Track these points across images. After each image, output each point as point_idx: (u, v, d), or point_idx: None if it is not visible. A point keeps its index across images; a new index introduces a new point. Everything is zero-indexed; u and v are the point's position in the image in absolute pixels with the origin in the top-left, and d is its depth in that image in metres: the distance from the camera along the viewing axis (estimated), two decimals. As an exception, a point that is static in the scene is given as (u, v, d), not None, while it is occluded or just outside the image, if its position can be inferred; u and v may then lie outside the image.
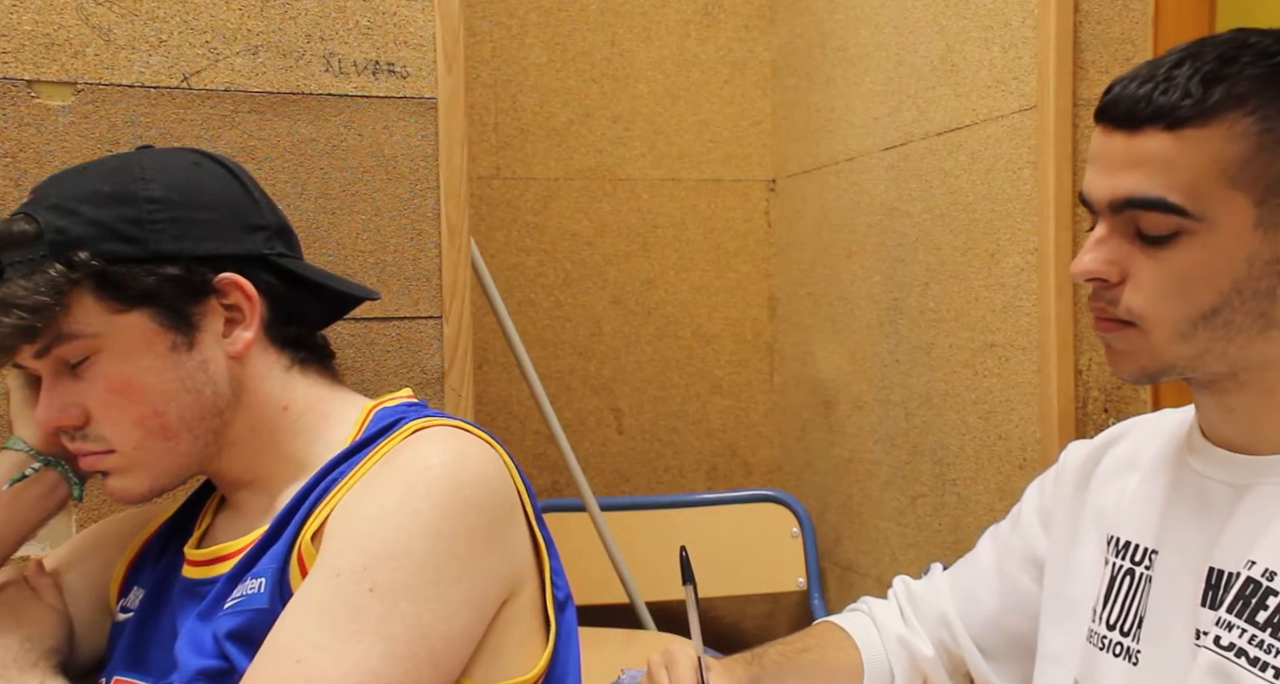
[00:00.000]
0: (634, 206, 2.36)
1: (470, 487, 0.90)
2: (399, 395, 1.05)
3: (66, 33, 1.21)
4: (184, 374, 0.94)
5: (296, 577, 0.90)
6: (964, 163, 1.77)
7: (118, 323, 0.93)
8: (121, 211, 0.93)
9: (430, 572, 0.86)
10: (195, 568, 1.00)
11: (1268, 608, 0.81)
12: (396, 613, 0.85)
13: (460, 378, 1.35)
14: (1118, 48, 1.58)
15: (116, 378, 0.93)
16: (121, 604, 1.06)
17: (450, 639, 0.88)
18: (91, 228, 0.91)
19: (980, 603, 1.15)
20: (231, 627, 0.90)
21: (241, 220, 0.98)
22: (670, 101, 2.37)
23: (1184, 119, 0.83)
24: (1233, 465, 0.89)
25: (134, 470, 0.96)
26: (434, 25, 1.33)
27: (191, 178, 0.98)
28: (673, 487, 2.37)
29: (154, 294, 0.93)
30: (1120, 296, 0.87)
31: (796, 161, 2.33)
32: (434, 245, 1.33)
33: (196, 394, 0.95)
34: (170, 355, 0.94)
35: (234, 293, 0.96)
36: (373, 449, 0.95)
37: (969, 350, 1.77)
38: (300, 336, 1.02)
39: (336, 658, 0.83)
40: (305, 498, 0.94)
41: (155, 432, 0.94)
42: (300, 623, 0.85)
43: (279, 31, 1.28)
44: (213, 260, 0.96)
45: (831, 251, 2.19)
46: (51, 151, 1.21)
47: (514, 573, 0.94)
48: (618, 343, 2.35)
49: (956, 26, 1.78)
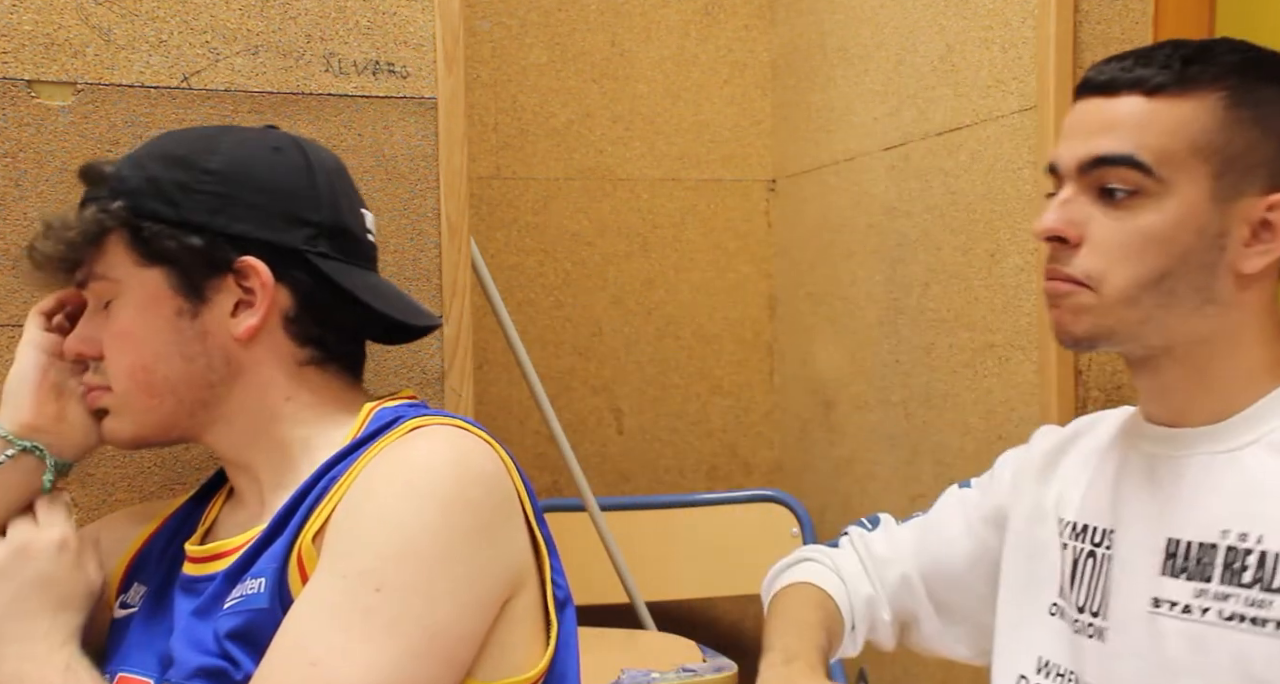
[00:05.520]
0: (634, 207, 2.36)
1: (472, 485, 0.91)
2: (399, 395, 1.05)
3: (66, 33, 1.21)
4: (181, 339, 0.97)
5: (296, 577, 0.90)
6: (964, 163, 1.77)
7: (138, 275, 0.97)
8: (176, 175, 0.97)
9: (439, 571, 0.87)
10: (194, 565, 1.00)
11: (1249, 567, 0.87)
12: (408, 613, 0.85)
13: (460, 378, 1.35)
14: (1117, 48, 1.57)
15: (123, 324, 0.98)
16: (121, 600, 1.06)
17: (460, 638, 0.88)
18: (146, 183, 0.96)
19: (947, 565, 1.16)
20: (232, 626, 0.90)
21: (289, 211, 0.99)
22: (670, 101, 2.37)
23: (1160, 86, 0.90)
24: (1171, 440, 0.96)
25: (123, 415, 1.00)
26: (434, 25, 1.33)
27: (256, 160, 0.99)
28: (673, 487, 2.37)
29: (173, 257, 0.96)
30: (1075, 257, 0.92)
31: (796, 161, 2.33)
32: (434, 245, 1.33)
33: (188, 361, 0.97)
34: (173, 318, 0.97)
35: (252, 277, 0.97)
36: (369, 446, 0.94)
37: (969, 350, 1.77)
38: (324, 337, 1.01)
39: (351, 660, 0.83)
40: (304, 497, 0.94)
41: (142, 385, 0.98)
42: (312, 625, 0.85)
43: (279, 31, 1.28)
44: (241, 241, 0.97)
45: (831, 252, 2.19)
46: (51, 151, 1.21)
47: (515, 572, 0.94)
48: (618, 343, 2.35)
49: (956, 26, 1.78)
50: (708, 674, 1.84)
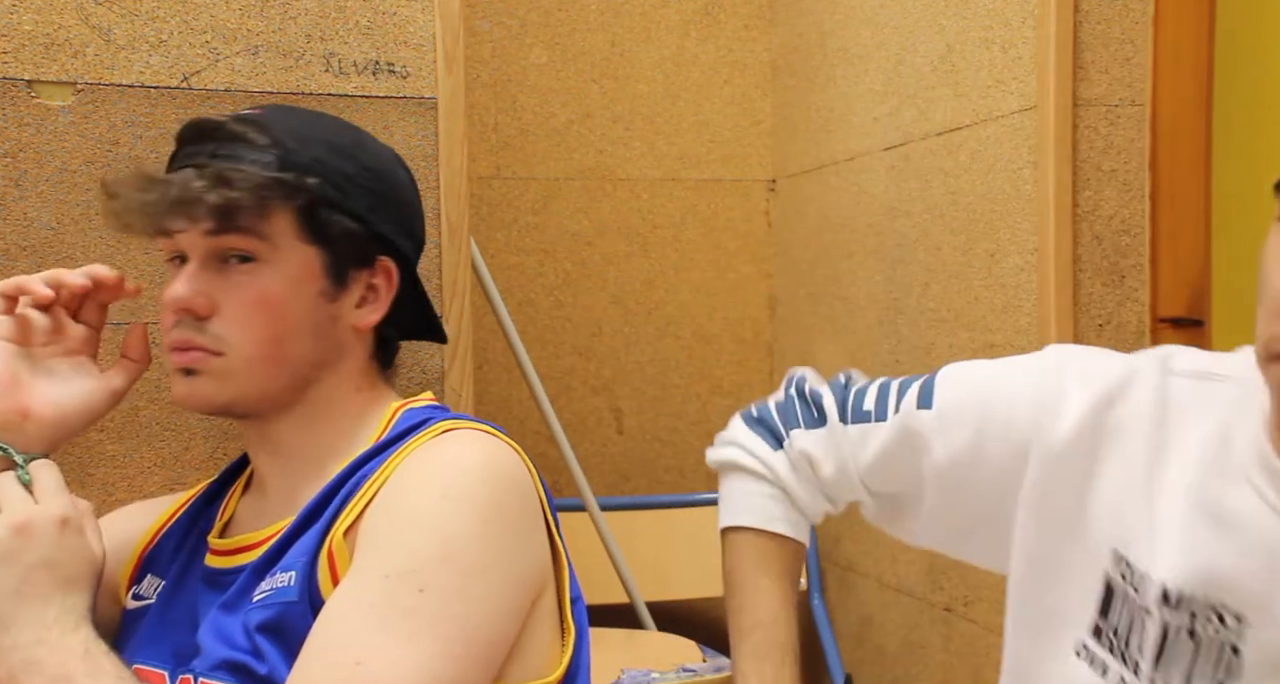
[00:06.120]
0: (634, 206, 2.36)
1: (504, 491, 0.93)
2: (422, 398, 1.08)
3: (66, 33, 1.21)
4: (317, 319, 1.00)
5: (325, 573, 0.91)
6: (964, 163, 1.77)
7: (295, 248, 0.98)
8: (342, 164, 1.00)
9: (477, 574, 0.88)
10: (219, 557, 1.01)
11: None
12: (448, 614, 0.86)
13: (460, 378, 1.35)
14: (1118, 48, 1.58)
15: (269, 293, 0.97)
16: (134, 592, 1.06)
17: (494, 640, 0.89)
18: (316, 163, 0.99)
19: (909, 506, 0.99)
20: (262, 619, 0.90)
21: (409, 225, 1.07)
22: (670, 101, 2.37)
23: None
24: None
25: (227, 381, 0.97)
26: (434, 25, 1.33)
27: (396, 171, 1.07)
28: (673, 487, 2.37)
29: (333, 241, 0.99)
30: None
31: (796, 161, 2.33)
32: (434, 245, 1.33)
33: (315, 341, 1.00)
34: (316, 298, 0.99)
35: (381, 276, 1.03)
36: (400, 446, 0.96)
37: (969, 350, 1.77)
38: (389, 338, 1.08)
39: (396, 660, 0.83)
40: (334, 493, 0.95)
41: (269, 355, 0.97)
42: (354, 624, 0.85)
43: (279, 31, 1.28)
44: (382, 241, 1.03)
45: (831, 251, 2.19)
46: (51, 151, 1.21)
47: (539, 575, 0.96)
48: (618, 343, 2.35)
49: (956, 26, 1.78)
50: (708, 674, 1.84)
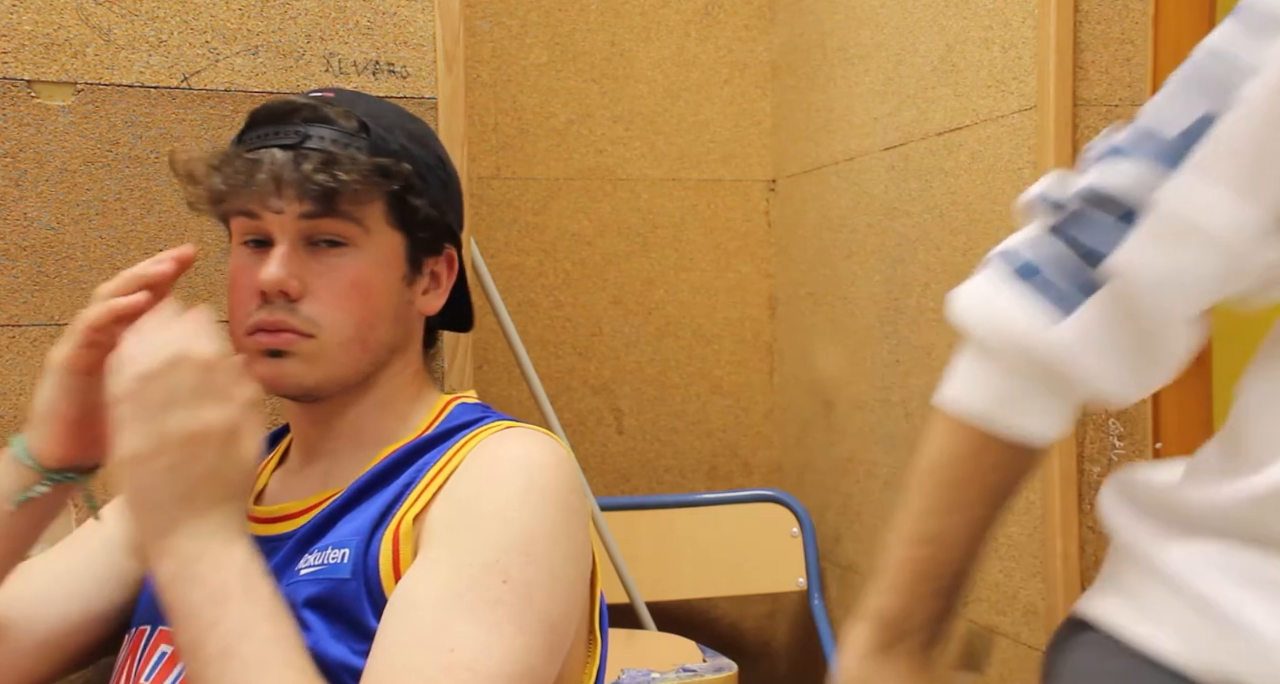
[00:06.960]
0: (634, 206, 2.36)
1: (571, 492, 0.96)
2: (469, 394, 1.11)
3: (66, 33, 1.21)
4: (399, 303, 1.03)
5: (388, 555, 0.92)
6: (964, 163, 1.77)
7: (385, 233, 1.01)
8: (423, 154, 1.04)
9: (556, 568, 0.92)
10: (260, 524, 1.01)
11: None
12: (531, 606, 0.88)
13: (460, 378, 1.35)
14: (1118, 48, 1.58)
15: (364, 276, 0.99)
16: None
17: (567, 633, 0.93)
18: (403, 149, 1.01)
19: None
20: (311, 593, 0.92)
21: (461, 215, 1.11)
22: (670, 101, 2.37)
23: None
24: None
25: (318, 362, 0.98)
26: (434, 25, 1.33)
27: (451, 161, 1.10)
28: (673, 487, 2.37)
29: (416, 228, 1.02)
30: None
31: (796, 161, 2.33)
32: (434, 245, 1.33)
33: (396, 325, 1.03)
34: (400, 283, 1.02)
35: (444, 263, 1.07)
36: (460, 438, 0.99)
37: (969, 350, 1.77)
38: (433, 326, 1.11)
39: (489, 648, 0.85)
40: (388, 475, 0.98)
41: (359, 338, 0.99)
42: (442, 613, 0.87)
43: (279, 31, 1.28)
44: (449, 231, 1.07)
45: (831, 251, 2.19)
46: (51, 151, 1.21)
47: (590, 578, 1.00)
48: (618, 343, 2.35)
49: (956, 26, 1.78)
50: (708, 674, 1.84)
